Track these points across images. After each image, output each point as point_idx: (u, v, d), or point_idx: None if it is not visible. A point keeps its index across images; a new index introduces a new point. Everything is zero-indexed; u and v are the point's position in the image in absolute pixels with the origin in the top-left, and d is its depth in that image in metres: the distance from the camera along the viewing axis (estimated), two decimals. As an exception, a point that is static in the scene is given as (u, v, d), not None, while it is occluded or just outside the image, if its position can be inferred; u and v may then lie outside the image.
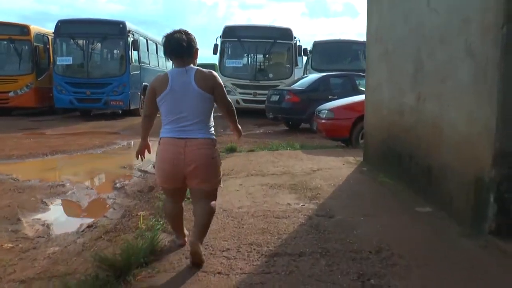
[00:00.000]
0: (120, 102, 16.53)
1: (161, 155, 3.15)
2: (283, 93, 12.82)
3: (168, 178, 3.17)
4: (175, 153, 3.07)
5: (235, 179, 5.80)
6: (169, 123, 3.13)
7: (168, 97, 3.09)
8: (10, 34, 16.95)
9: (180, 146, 3.06)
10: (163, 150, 3.13)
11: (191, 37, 3.17)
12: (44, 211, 5.04)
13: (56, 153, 8.72)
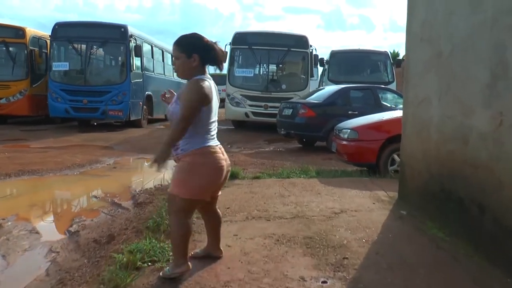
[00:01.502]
0: (119, 112, 15.21)
1: (217, 164, 3.01)
2: (297, 106, 11.27)
3: (213, 188, 3.13)
4: (226, 160, 3.10)
5: (229, 224, 4.27)
6: (208, 131, 3.01)
7: (213, 105, 3.00)
8: (4, 36, 15.76)
9: (224, 153, 3.11)
10: (218, 159, 3.02)
11: None
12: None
13: (23, 173, 7.30)
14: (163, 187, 6.29)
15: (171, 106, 3.01)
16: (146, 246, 3.55)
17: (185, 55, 2.95)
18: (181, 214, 3.01)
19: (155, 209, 4.92)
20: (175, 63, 3.02)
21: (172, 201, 3.02)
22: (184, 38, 3.03)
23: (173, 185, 3.01)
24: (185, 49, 2.96)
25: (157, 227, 4.13)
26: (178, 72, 3.04)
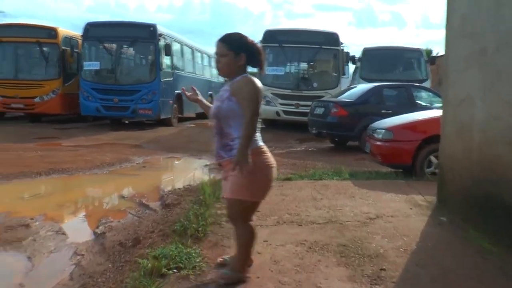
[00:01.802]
0: (149, 111, 15.21)
1: (271, 164, 2.95)
2: (329, 105, 11.01)
3: (269, 189, 3.00)
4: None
5: (259, 228, 4.06)
6: (257, 131, 2.90)
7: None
8: (37, 37, 16.00)
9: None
10: (270, 158, 2.97)
11: None
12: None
13: (53, 172, 7.29)
14: (192, 188, 6.16)
15: (222, 104, 2.90)
16: (172, 251, 3.41)
17: (233, 53, 2.89)
18: (248, 218, 3.00)
19: (182, 212, 4.78)
20: (219, 61, 2.94)
21: (236, 206, 2.93)
22: (232, 36, 2.97)
23: (235, 190, 2.87)
24: (233, 47, 2.90)
25: (184, 231, 3.99)
26: (222, 69, 2.96)
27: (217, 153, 2.95)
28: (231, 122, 2.87)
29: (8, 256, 3.97)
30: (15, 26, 17.12)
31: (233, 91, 2.88)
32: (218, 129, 2.93)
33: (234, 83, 2.90)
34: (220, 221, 4.34)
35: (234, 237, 3.09)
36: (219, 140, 2.93)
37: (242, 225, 2.98)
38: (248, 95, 2.81)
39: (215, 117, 2.94)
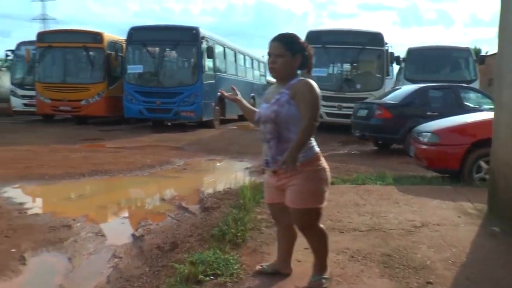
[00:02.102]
0: (191, 113, 15.37)
1: (327, 168, 2.90)
2: (373, 107, 10.75)
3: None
4: None
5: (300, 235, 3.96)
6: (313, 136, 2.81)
7: None
8: (84, 42, 16.49)
9: None
10: (326, 163, 2.90)
11: None
12: (6, 279, 3.47)
13: (96, 173, 7.42)
14: (232, 191, 6.10)
15: (281, 108, 2.78)
16: (209, 257, 3.33)
17: (290, 54, 2.82)
18: (319, 223, 2.94)
19: (221, 216, 4.71)
20: (275, 61, 2.82)
21: (308, 215, 2.85)
22: (288, 36, 2.88)
23: (306, 198, 2.79)
24: (290, 47, 2.82)
25: (222, 236, 3.91)
26: (277, 70, 2.85)
27: (274, 159, 2.82)
28: (290, 127, 2.77)
29: (51, 257, 4.01)
30: (64, 32, 17.76)
31: (293, 95, 2.77)
32: (275, 134, 2.81)
33: (292, 86, 2.80)
34: (259, 227, 4.25)
35: (308, 243, 3.01)
36: (276, 145, 2.81)
37: (317, 231, 2.94)
38: (310, 100, 2.73)
39: (271, 121, 2.81)
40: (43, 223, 4.74)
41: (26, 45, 18.94)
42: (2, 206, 5.32)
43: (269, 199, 3.08)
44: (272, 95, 2.91)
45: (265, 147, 2.89)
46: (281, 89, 2.84)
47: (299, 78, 2.83)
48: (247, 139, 13.40)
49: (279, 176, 2.84)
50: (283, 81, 2.87)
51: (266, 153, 2.89)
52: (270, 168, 2.89)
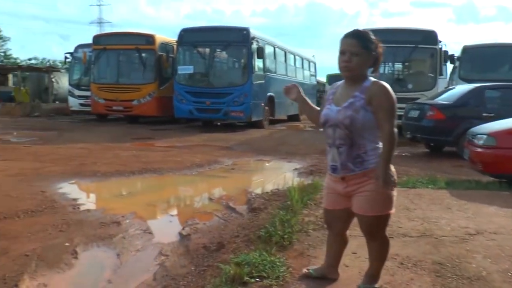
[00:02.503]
0: (241, 113, 15.48)
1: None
2: (425, 108, 10.42)
3: None
4: None
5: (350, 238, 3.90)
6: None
7: None
8: (136, 44, 16.93)
9: None
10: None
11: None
12: (59, 271, 3.59)
13: (145, 171, 7.58)
14: (279, 192, 6.07)
15: (356, 114, 2.63)
16: (255, 259, 3.32)
17: (366, 52, 2.66)
18: (386, 230, 2.86)
19: (268, 217, 4.68)
20: (350, 60, 2.64)
21: (380, 222, 2.76)
22: (365, 33, 2.73)
23: (379, 205, 2.69)
24: (366, 45, 2.67)
25: (269, 238, 3.89)
26: (352, 69, 2.67)
27: (344, 165, 2.70)
28: (365, 134, 2.65)
29: (100, 252, 4.11)
30: (117, 35, 18.36)
31: (369, 100, 2.62)
32: (346, 140, 2.67)
33: (366, 89, 2.65)
34: (307, 229, 4.20)
35: (371, 250, 2.90)
36: (347, 151, 2.68)
37: (381, 239, 2.84)
38: (389, 106, 2.61)
39: (344, 127, 2.66)
40: (94, 219, 4.88)
41: (83, 48, 19.73)
42: (57, 201, 5.52)
43: (330, 205, 2.94)
44: (342, 97, 2.73)
45: (333, 152, 2.76)
46: (355, 92, 2.67)
47: (372, 80, 2.69)
48: (296, 140, 13.36)
49: (348, 183, 2.72)
50: (355, 82, 2.70)
51: (333, 158, 2.76)
52: (338, 174, 2.75)
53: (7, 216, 4.79)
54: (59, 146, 10.69)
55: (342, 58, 2.68)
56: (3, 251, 3.82)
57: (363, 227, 2.82)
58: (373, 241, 2.85)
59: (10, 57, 50.07)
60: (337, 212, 2.90)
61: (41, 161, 8.38)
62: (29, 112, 21.93)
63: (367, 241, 2.89)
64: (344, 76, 2.75)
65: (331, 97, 2.83)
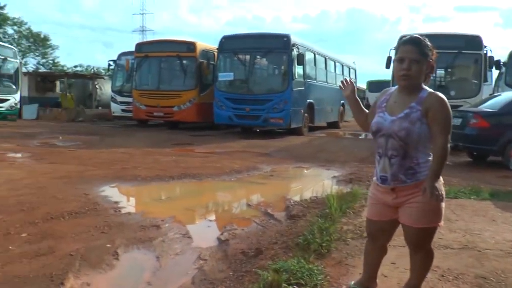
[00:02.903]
0: (280, 120, 15.48)
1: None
2: (468, 115, 10.13)
3: None
4: None
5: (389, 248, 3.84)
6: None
7: None
8: (178, 51, 17.25)
9: None
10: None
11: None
12: (101, 271, 3.69)
13: (184, 177, 7.68)
14: (318, 200, 6.05)
15: (413, 126, 2.58)
16: (293, 266, 3.33)
17: (425, 60, 2.61)
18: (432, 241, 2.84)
19: (307, 224, 4.67)
20: (409, 67, 2.58)
21: (428, 233, 2.74)
22: (423, 39, 2.66)
23: (430, 216, 2.66)
24: (424, 52, 2.61)
25: (307, 245, 3.91)
26: (412, 77, 2.61)
27: (395, 176, 2.64)
28: (419, 146, 2.60)
29: (140, 254, 4.18)
30: (159, 42, 18.74)
31: (425, 112, 2.57)
32: (400, 151, 2.61)
33: (423, 101, 2.59)
34: (345, 238, 4.19)
35: (414, 261, 2.87)
36: (400, 162, 2.62)
37: (427, 250, 2.81)
38: (445, 120, 2.55)
39: (399, 138, 2.61)
40: (134, 222, 4.98)
41: (126, 56, 20.29)
42: (100, 204, 5.67)
43: (375, 216, 2.88)
44: (397, 107, 2.66)
45: (384, 163, 2.69)
46: (411, 103, 2.61)
47: (429, 91, 2.63)
48: (335, 147, 13.27)
49: (398, 194, 2.67)
50: (410, 92, 2.64)
51: (384, 169, 2.68)
52: (388, 185, 2.69)
53: (53, 216, 4.98)
54: (102, 150, 11.00)
55: (400, 66, 2.61)
56: (50, 249, 3.97)
57: (409, 238, 2.77)
58: (417, 253, 2.80)
59: (57, 64, 51.85)
60: (382, 223, 2.84)
61: (84, 165, 8.64)
62: (74, 117, 22.63)
63: (411, 253, 2.84)
64: (401, 85, 2.68)
65: (384, 104, 2.75)
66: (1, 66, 17.80)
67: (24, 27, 48.69)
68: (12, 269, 3.52)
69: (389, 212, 2.76)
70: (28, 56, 49.20)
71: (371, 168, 8.77)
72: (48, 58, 51.49)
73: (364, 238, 4.16)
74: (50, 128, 17.21)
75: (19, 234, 4.36)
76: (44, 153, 10.17)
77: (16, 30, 48.42)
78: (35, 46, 49.99)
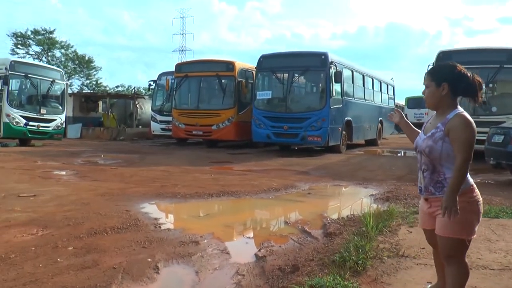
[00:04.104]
0: (318, 138, 15.44)
1: (481, 201, 2.88)
2: (510, 132, 9.86)
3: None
4: None
5: (423, 268, 3.85)
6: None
7: None
8: (217, 70, 17.56)
9: None
10: (479, 195, 2.88)
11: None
12: (143, 284, 3.81)
13: (223, 194, 7.80)
14: (355, 218, 6.05)
15: (435, 144, 2.84)
16: (329, 282, 3.39)
17: (434, 84, 2.90)
18: (464, 256, 2.92)
19: (343, 242, 4.70)
20: (425, 92, 2.97)
21: (454, 244, 2.84)
22: (437, 67, 3.05)
23: (453, 227, 2.78)
24: (435, 77, 2.91)
25: (343, 262, 3.94)
26: (427, 101, 2.98)
27: (426, 188, 2.93)
28: (443, 162, 2.84)
29: (180, 269, 4.29)
30: (198, 62, 19.17)
31: (447, 131, 2.80)
32: (429, 166, 2.90)
33: (447, 121, 2.82)
34: (381, 256, 4.19)
35: (447, 275, 2.94)
36: (430, 175, 2.90)
37: (459, 266, 2.89)
38: (466, 140, 2.74)
39: (425, 154, 2.90)
40: (174, 238, 5.12)
41: (166, 75, 20.80)
42: (141, 220, 5.85)
43: (422, 225, 3.17)
44: (430, 127, 2.96)
45: (420, 175, 2.98)
46: (438, 123, 2.88)
47: (456, 112, 2.83)
48: (373, 165, 13.17)
49: (431, 203, 2.94)
50: (441, 114, 2.91)
51: (420, 180, 2.98)
52: (422, 195, 3.00)
53: (97, 231, 5.19)
54: (142, 168, 11.31)
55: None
56: (94, 263, 4.15)
57: (440, 247, 2.93)
58: (449, 266, 2.90)
59: (100, 85, 53.56)
60: (428, 232, 3.09)
61: (125, 182, 8.92)
62: (116, 136, 23.30)
63: (445, 266, 2.96)
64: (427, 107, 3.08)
65: (425, 125, 3.09)
66: (50, 88, 18.51)
67: (70, 50, 50.71)
68: (60, 279, 3.71)
69: (430, 220, 3.00)
70: (73, 77, 51.08)
71: (408, 187, 8.70)
72: (92, 79, 53.33)
73: (400, 257, 4.18)
74: (93, 147, 17.81)
75: (66, 248, 4.58)
76: (87, 171, 10.55)
77: (63, 53, 50.44)
78: (80, 68, 51.92)
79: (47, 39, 48.13)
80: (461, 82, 2.85)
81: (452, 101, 2.87)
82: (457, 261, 2.87)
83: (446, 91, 2.85)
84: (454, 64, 2.92)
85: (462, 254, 2.88)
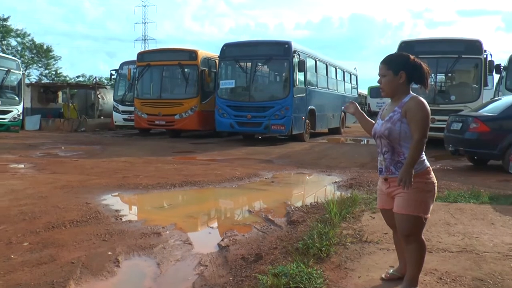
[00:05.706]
0: (281, 127, 15.47)
1: (436, 182, 3.08)
2: (468, 120, 10.09)
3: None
4: None
5: (386, 252, 3.88)
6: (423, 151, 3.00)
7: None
8: (179, 59, 17.33)
9: None
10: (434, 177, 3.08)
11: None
12: (102, 279, 3.70)
13: (186, 184, 7.71)
14: (318, 205, 6.07)
15: (393, 125, 3.02)
16: (293, 270, 3.37)
17: (392, 73, 3.06)
18: (421, 233, 3.09)
19: (307, 230, 4.70)
20: (380, 81, 3.13)
21: (411, 222, 3.00)
22: (391, 56, 3.18)
23: (410, 205, 2.98)
24: (392, 66, 3.07)
25: (306, 249, 3.94)
26: (383, 89, 3.13)
27: (387, 168, 3.08)
28: (402, 142, 3.01)
29: (141, 261, 4.20)
30: (160, 51, 18.90)
31: (404, 113, 3.00)
32: (389, 148, 3.07)
33: (404, 104, 3.02)
34: (345, 242, 4.21)
35: (407, 253, 3.10)
36: (390, 157, 3.06)
37: (416, 242, 3.05)
38: (421, 119, 2.94)
39: (385, 137, 3.06)
40: (135, 229, 5.01)
41: (128, 65, 20.42)
42: (101, 212, 5.71)
43: (380, 205, 3.31)
44: (387, 112, 3.14)
45: (380, 157, 3.15)
46: (395, 107, 3.07)
47: (411, 96, 3.04)
48: (336, 153, 13.30)
49: (389, 183, 3.10)
50: (395, 99, 3.10)
51: (380, 162, 3.15)
52: (382, 175, 3.15)
53: (55, 225, 5.02)
54: (103, 160, 11.05)
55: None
56: (52, 258, 4.01)
57: (398, 225, 3.08)
58: (408, 244, 3.06)
59: (60, 75, 51.95)
60: (387, 211, 3.23)
61: (86, 174, 8.69)
62: (77, 127, 22.72)
63: (403, 244, 3.13)
64: (382, 96, 3.22)
65: (381, 112, 3.27)
66: (4, 78, 17.87)
67: (27, 38, 48.85)
68: (14, 277, 3.56)
69: (388, 201, 3.17)
70: (31, 67, 49.35)
71: (371, 174, 8.81)
72: (51, 69, 51.67)
73: (363, 242, 4.21)
74: (53, 139, 17.28)
75: (21, 243, 4.40)
76: (46, 164, 10.23)
77: (19, 41, 48.60)
78: (38, 57, 50.10)
79: (0, 26, 46.23)
80: (416, 70, 3.04)
81: (407, 87, 3.07)
82: (415, 239, 3.03)
83: (403, 79, 3.04)
84: (407, 54, 3.11)
85: (420, 232, 3.05)
